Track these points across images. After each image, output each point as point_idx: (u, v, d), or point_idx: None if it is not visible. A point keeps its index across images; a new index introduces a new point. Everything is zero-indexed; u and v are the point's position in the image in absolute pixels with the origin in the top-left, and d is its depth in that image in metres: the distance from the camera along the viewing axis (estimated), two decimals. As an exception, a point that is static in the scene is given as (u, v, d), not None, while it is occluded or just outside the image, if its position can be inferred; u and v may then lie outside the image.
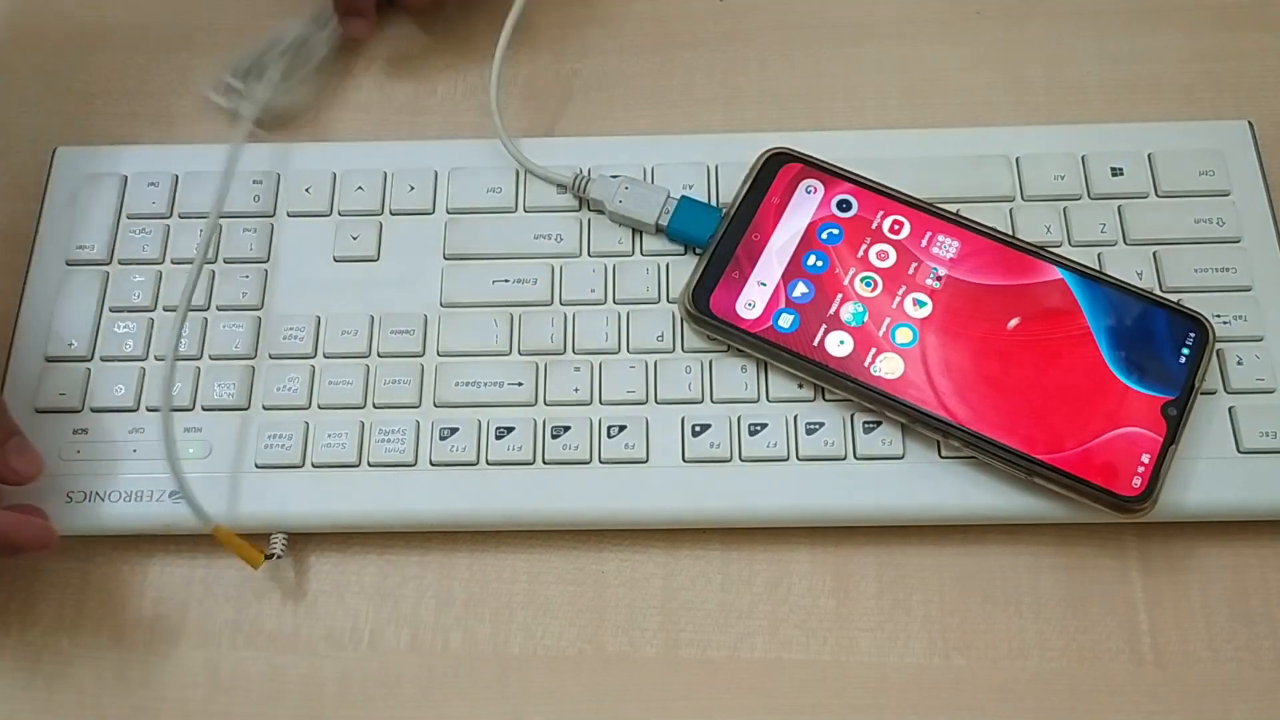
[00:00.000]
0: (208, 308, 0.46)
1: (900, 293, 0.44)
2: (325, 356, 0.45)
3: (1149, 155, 0.47)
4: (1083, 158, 0.47)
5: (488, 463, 0.43)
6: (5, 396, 0.45)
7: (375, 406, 0.44)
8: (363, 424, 0.44)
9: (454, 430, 0.44)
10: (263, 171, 0.48)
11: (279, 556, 0.43)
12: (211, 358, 0.45)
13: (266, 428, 0.44)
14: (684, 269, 0.46)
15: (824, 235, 0.45)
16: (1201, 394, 0.42)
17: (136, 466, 0.44)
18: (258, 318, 0.46)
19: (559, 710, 0.42)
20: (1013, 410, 0.42)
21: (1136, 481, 0.41)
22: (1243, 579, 0.43)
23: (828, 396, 0.44)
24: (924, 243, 0.44)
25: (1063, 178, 0.47)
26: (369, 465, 0.44)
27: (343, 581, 0.44)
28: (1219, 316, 0.44)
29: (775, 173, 0.46)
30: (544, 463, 0.43)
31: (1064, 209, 0.46)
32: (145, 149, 0.50)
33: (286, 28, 0.50)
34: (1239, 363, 0.43)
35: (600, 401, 0.44)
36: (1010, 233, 0.45)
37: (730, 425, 0.43)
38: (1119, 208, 0.46)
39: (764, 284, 0.44)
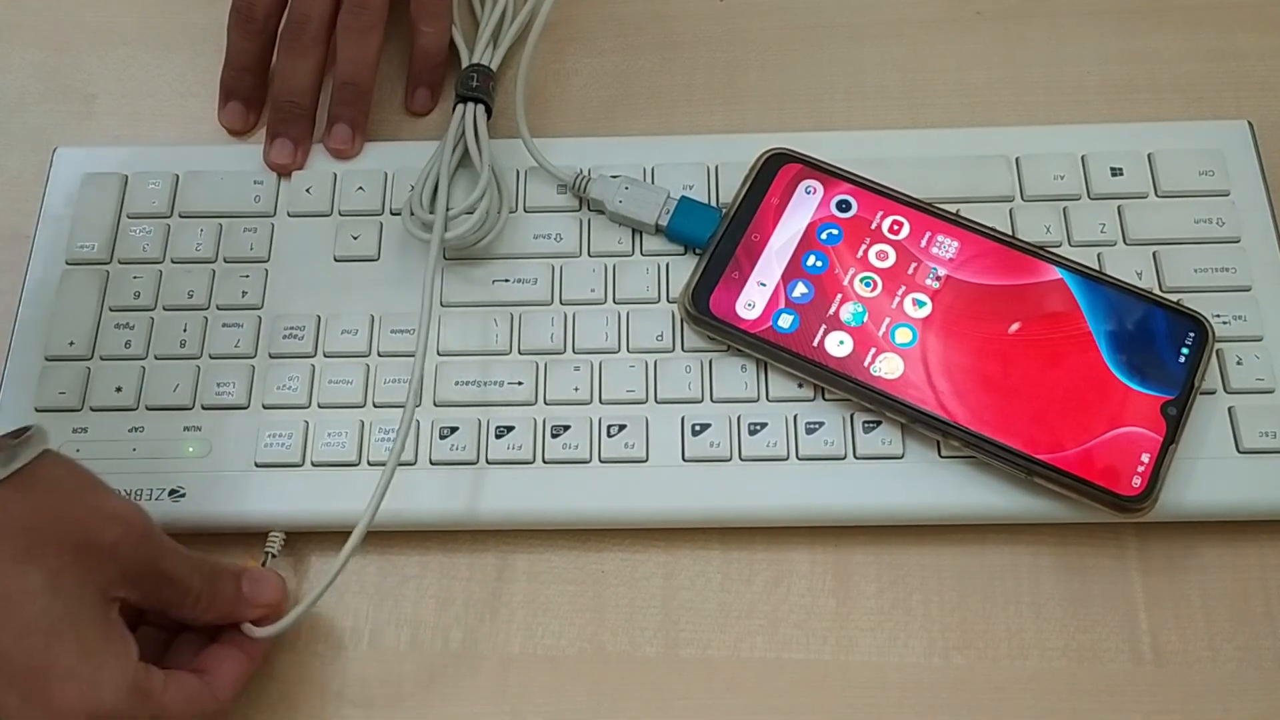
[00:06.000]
0: (208, 307, 0.46)
1: (900, 293, 0.44)
2: (325, 356, 0.45)
3: (1149, 155, 0.47)
4: (1083, 158, 0.47)
5: (488, 462, 0.43)
6: (5, 396, 0.45)
7: (375, 406, 0.44)
8: (363, 423, 0.44)
9: (454, 429, 0.44)
10: (263, 171, 0.48)
11: (274, 555, 0.43)
12: (211, 357, 0.45)
13: (266, 427, 0.44)
14: (684, 269, 0.46)
15: (824, 235, 0.45)
16: (1201, 394, 0.42)
17: (136, 465, 0.44)
18: (258, 317, 0.46)
19: (559, 710, 0.42)
20: (1012, 410, 0.42)
21: (1136, 481, 0.41)
22: (1243, 579, 0.43)
23: (828, 396, 0.44)
24: (924, 243, 0.44)
25: (1063, 178, 0.47)
26: (369, 464, 0.44)
27: (343, 581, 0.44)
28: (1219, 316, 0.44)
29: (775, 173, 0.46)
30: (544, 462, 0.43)
31: (1064, 209, 0.46)
32: (145, 149, 0.50)
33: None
34: (1239, 362, 0.43)
35: (600, 401, 0.44)
36: (1010, 233, 0.45)
37: (730, 425, 0.43)
38: (1119, 208, 0.46)
39: (764, 284, 0.44)
